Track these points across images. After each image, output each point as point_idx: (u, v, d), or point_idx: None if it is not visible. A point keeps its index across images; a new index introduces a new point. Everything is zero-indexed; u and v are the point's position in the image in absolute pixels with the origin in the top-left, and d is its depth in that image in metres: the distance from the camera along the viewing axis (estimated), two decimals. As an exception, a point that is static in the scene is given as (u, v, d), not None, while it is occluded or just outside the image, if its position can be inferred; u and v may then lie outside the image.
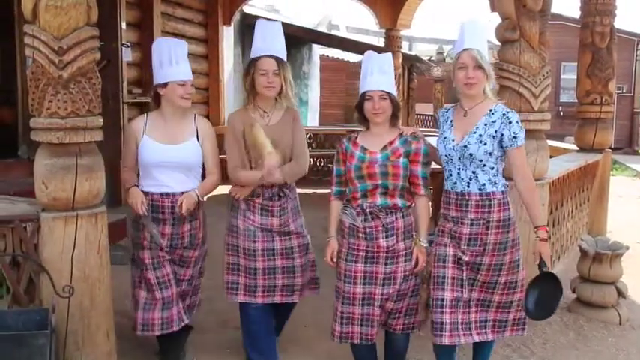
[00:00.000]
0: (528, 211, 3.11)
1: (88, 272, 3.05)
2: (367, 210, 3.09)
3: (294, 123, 3.46)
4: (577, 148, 6.90)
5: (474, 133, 3.01)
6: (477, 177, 3.02)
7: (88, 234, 3.03)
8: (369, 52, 3.26)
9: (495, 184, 3.04)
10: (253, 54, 3.39)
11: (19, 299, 3.07)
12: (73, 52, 2.90)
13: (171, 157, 3.30)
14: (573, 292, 4.75)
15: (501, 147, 3.02)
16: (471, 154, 2.99)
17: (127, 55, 7.90)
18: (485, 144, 2.98)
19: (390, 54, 3.30)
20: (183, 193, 3.31)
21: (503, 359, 3.86)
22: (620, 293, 4.58)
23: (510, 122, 2.99)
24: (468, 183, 3.03)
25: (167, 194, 3.32)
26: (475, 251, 3.04)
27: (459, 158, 3.03)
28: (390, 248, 3.08)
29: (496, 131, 2.99)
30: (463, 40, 3.07)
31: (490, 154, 3.00)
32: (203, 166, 3.44)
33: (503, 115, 3.01)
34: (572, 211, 5.81)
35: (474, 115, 3.06)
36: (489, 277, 3.07)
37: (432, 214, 6.65)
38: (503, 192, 3.06)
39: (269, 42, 3.36)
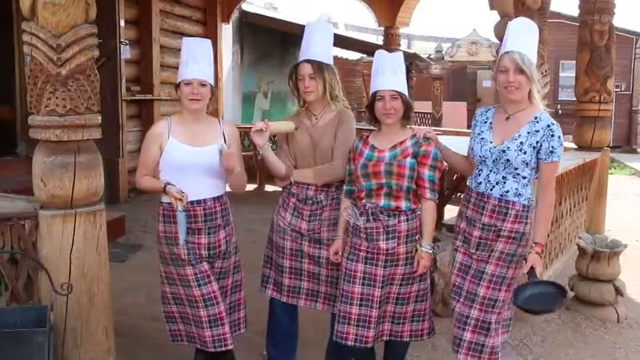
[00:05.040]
0: (535, 225, 2.95)
1: (86, 270, 3.04)
2: (369, 211, 3.04)
3: (339, 124, 3.35)
4: (575, 147, 6.91)
5: (515, 139, 2.89)
6: (504, 182, 2.93)
7: (87, 232, 3.03)
8: (380, 51, 3.20)
9: (519, 195, 2.92)
10: (298, 59, 3.37)
11: (18, 297, 3.07)
12: (72, 49, 2.90)
13: (201, 158, 3.10)
14: (571, 290, 4.75)
15: (537, 157, 2.91)
16: (508, 160, 2.89)
17: (126, 52, 7.90)
18: (525, 153, 2.87)
19: (401, 53, 3.24)
20: (214, 199, 3.17)
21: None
22: (619, 291, 4.59)
23: (553, 136, 2.87)
24: (493, 186, 2.94)
25: (198, 201, 3.11)
26: (481, 256, 2.99)
27: (494, 161, 2.94)
28: (390, 251, 3.03)
29: (537, 142, 2.87)
30: (506, 41, 2.94)
31: (527, 163, 2.89)
32: None
33: (548, 126, 2.88)
34: (570, 209, 5.82)
35: (516, 120, 2.93)
36: (490, 292, 2.97)
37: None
38: (524, 205, 2.93)
39: (308, 46, 3.34)
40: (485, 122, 3.05)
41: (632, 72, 18.59)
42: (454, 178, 6.36)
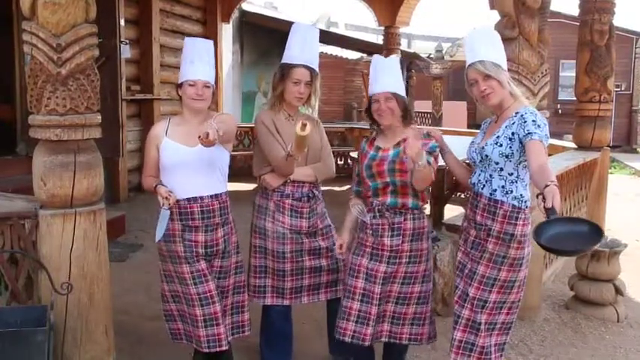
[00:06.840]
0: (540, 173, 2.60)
1: (86, 269, 3.05)
2: (376, 208, 3.10)
3: (318, 127, 3.51)
4: (575, 146, 6.90)
5: (497, 136, 2.88)
6: (491, 181, 2.92)
7: (87, 231, 3.03)
8: (375, 57, 3.24)
9: (508, 193, 2.88)
10: (288, 59, 3.34)
11: (18, 296, 3.07)
12: (72, 49, 2.90)
13: (195, 157, 3.09)
14: (571, 289, 4.76)
15: (520, 148, 2.82)
16: (487, 156, 2.90)
17: (126, 52, 7.90)
18: (500, 145, 2.84)
19: (396, 57, 3.32)
20: (211, 196, 3.16)
21: (502, 357, 3.86)
22: (619, 291, 4.59)
23: (525, 121, 2.77)
24: (484, 185, 2.96)
25: (195, 199, 3.12)
26: (475, 257, 2.99)
27: (480, 161, 2.96)
28: (394, 248, 3.07)
29: (513, 133, 2.82)
30: (467, 57, 2.98)
31: (507, 156, 2.84)
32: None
33: (521, 116, 2.80)
34: (570, 209, 5.82)
35: (502, 119, 2.94)
36: (479, 293, 2.95)
37: (432, 212, 6.69)
38: (514, 205, 2.87)
39: (307, 51, 3.33)
40: (483, 130, 3.12)
41: (632, 72, 18.61)
42: (454, 178, 6.36)
